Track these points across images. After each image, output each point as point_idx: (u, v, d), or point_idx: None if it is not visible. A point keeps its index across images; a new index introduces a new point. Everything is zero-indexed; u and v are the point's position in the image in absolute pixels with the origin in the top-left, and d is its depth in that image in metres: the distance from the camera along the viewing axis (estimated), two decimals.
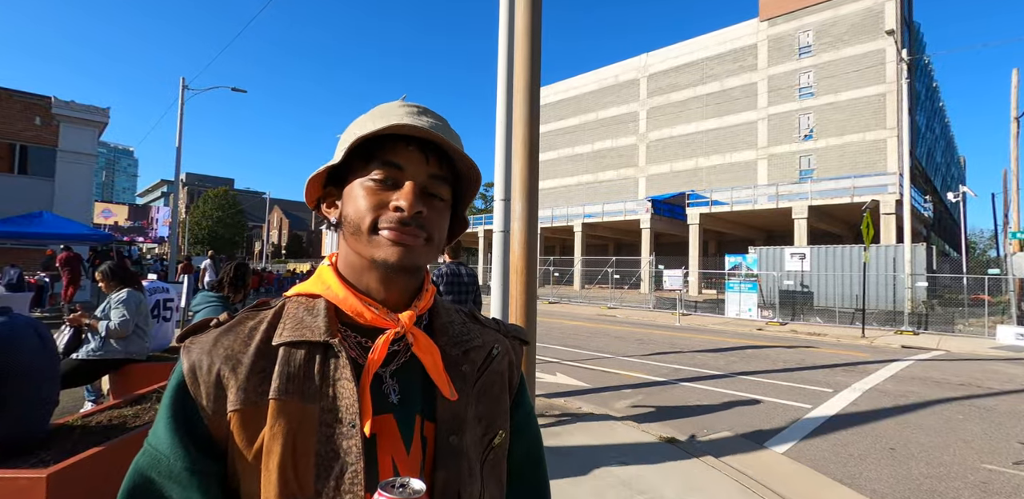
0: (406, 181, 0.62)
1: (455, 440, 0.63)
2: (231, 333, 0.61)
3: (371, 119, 0.64)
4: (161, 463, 0.56)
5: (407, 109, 0.65)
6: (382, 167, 0.62)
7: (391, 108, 0.66)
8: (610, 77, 38.43)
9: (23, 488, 1.95)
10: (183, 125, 18.90)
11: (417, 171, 0.63)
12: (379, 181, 0.62)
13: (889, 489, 3.71)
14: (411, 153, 0.63)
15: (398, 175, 0.63)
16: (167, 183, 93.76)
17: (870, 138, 26.73)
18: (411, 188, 0.62)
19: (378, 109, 0.67)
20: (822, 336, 12.49)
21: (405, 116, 0.63)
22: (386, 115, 0.64)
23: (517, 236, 2.43)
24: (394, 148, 0.63)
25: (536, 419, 0.82)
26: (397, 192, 0.62)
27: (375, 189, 0.62)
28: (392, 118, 0.62)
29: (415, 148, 0.63)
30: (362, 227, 0.62)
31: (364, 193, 0.62)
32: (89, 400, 4.28)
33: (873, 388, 6.86)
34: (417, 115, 0.65)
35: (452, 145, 0.63)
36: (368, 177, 0.63)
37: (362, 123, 0.65)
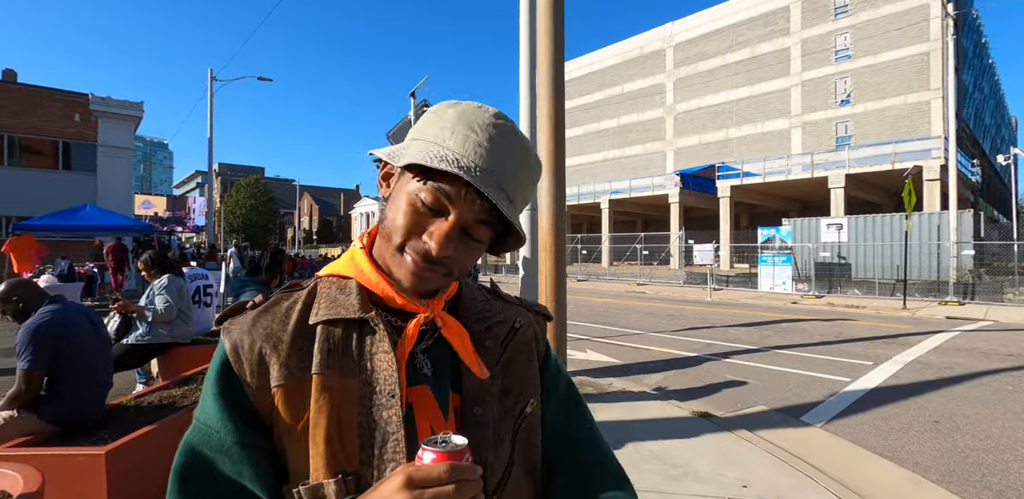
0: (449, 217, 0.60)
1: (479, 411, 0.65)
2: (268, 314, 0.63)
3: (451, 131, 0.60)
4: (212, 438, 0.58)
5: (491, 132, 0.60)
6: (433, 193, 0.59)
7: (479, 125, 0.60)
8: (634, 49, 37.25)
9: (84, 464, 2.08)
10: (213, 116, 19.26)
11: (465, 211, 0.60)
12: (425, 204, 0.60)
13: (933, 462, 3.63)
14: (465, 195, 0.59)
15: (445, 206, 0.60)
16: (201, 174, 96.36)
17: (912, 100, 25.33)
18: (447, 229, 0.59)
19: (464, 116, 0.61)
20: (861, 308, 12.16)
21: (480, 147, 0.59)
22: (467, 134, 0.59)
23: (545, 213, 2.41)
24: (452, 183, 0.58)
25: (568, 377, 0.82)
26: (436, 224, 0.60)
27: (418, 210, 0.60)
28: (469, 146, 0.59)
29: (472, 192, 0.59)
30: (393, 241, 0.61)
31: (407, 208, 0.60)
32: (140, 382, 4.51)
33: (916, 360, 6.67)
34: (495, 151, 0.60)
35: (508, 217, 0.59)
36: (417, 193, 0.60)
37: (442, 126, 0.61)
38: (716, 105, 32.80)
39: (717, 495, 2.97)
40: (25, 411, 2.40)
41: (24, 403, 2.39)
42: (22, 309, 2.60)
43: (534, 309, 0.80)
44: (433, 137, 0.61)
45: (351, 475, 0.57)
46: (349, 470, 0.57)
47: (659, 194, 29.12)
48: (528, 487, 0.69)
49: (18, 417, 2.38)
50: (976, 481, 3.34)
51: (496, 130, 0.60)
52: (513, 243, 0.67)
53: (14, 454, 2.09)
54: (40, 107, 17.34)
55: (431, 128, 0.62)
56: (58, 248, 14.00)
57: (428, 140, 0.61)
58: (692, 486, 3.07)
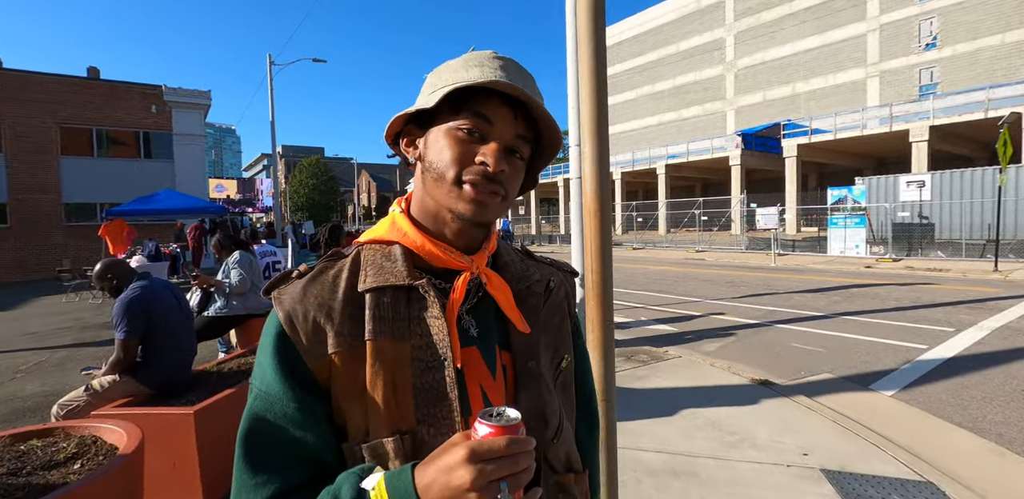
0: (493, 138, 0.63)
1: (533, 365, 0.69)
2: (316, 282, 0.65)
3: (464, 67, 0.65)
4: (275, 405, 0.60)
5: (500, 62, 0.65)
6: (472, 118, 0.63)
7: (484, 58, 0.66)
8: (691, 3, 34.96)
9: (176, 422, 2.32)
10: (274, 100, 19.96)
11: (505, 129, 0.64)
12: (467, 132, 0.63)
13: (1019, 434, 3.39)
14: (503, 111, 0.63)
15: (486, 129, 0.63)
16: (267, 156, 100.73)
17: (1011, 39, 22.49)
18: (497, 146, 0.63)
19: (471, 57, 0.66)
20: (944, 272, 11.28)
21: (499, 70, 0.64)
22: (481, 66, 0.64)
23: (589, 178, 2.37)
24: (487, 102, 0.63)
25: (586, 349, 0.90)
26: (483, 146, 0.63)
27: (463, 139, 0.63)
28: (487, 70, 0.63)
29: (507, 106, 0.64)
30: (447, 176, 0.63)
31: (451, 142, 0.63)
32: (221, 351, 4.92)
33: (1005, 326, 6.17)
34: (510, 73, 0.65)
35: (543, 109, 0.64)
36: (456, 126, 0.63)
37: (454, 69, 0.65)
38: (781, 58, 30.49)
39: (775, 462, 2.93)
40: (126, 375, 2.69)
41: (124, 369, 2.68)
42: (116, 286, 2.88)
43: (563, 268, 0.84)
44: (450, 80, 0.64)
45: (407, 434, 0.60)
46: (405, 429, 0.60)
47: (719, 156, 27.72)
48: (571, 432, 0.76)
49: (120, 381, 2.67)
50: None
51: (501, 61, 0.65)
52: (550, 153, 0.72)
53: (118, 413, 2.37)
54: (121, 101, 18.57)
55: (443, 76, 0.66)
56: (145, 231, 15.24)
57: (449, 83, 0.64)
58: (749, 453, 3.05)
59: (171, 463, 2.31)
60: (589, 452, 0.84)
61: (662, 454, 3.04)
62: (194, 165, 20.23)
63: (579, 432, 0.82)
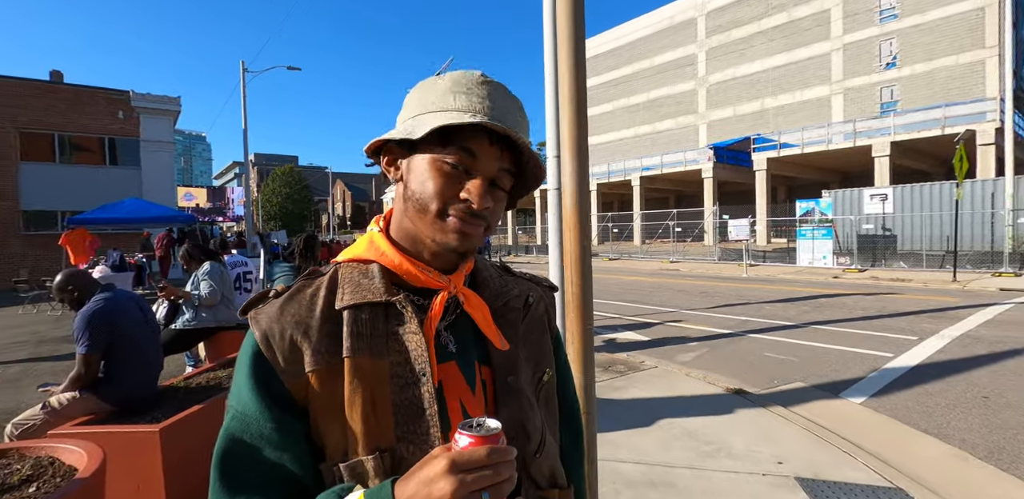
0: (478, 172, 0.63)
1: (512, 380, 0.69)
2: (294, 301, 0.64)
3: (452, 94, 0.64)
4: (252, 426, 0.59)
5: (487, 89, 0.65)
6: (458, 154, 0.62)
7: (472, 83, 0.65)
8: (664, 19, 35.87)
9: (140, 441, 2.22)
10: (247, 107, 19.65)
11: (490, 165, 0.64)
12: (452, 166, 0.63)
13: (981, 439, 3.51)
14: (489, 147, 0.63)
15: (472, 164, 0.63)
16: (238, 164, 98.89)
17: (964, 61, 23.68)
18: (481, 183, 0.63)
19: (458, 81, 0.65)
20: (907, 282, 11.68)
21: (487, 100, 0.63)
22: (469, 94, 0.63)
23: (568, 190, 2.39)
24: (475, 138, 0.62)
25: (568, 363, 0.89)
26: (468, 182, 0.63)
27: (448, 173, 0.63)
28: (475, 100, 0.63)
29: (494, 141, 0.63)
30: (430, 208, 0.63)
31: (435, 173, 0.63)
32: (189, 365, 4.76)
33: (965, 334, 6.40)
34: (497, 102, 0.64)
35: (530, 149, 0.64)
36: (441, 158, 0.63)
37: (441, 94, 0.64)
38: (751, 74, 31.45)
39: (751, 471, 2.96)
40: (86, 392, 2.57)
41: (85, 384, 2.57)
42: (77, 298, 2.77)
43: (542, 283, 0.85)
44: (436, 106, 0.64)
45: (387, 451, 0.59)
46: (384, 447, 0.59)
47: (692, 169, 28.33)
48: (554, 446, 0.75)
49: (80, 397, 2.56)
50: None
51: (489, 86, 0.65)
52: (532, 184, 0.71)
53: (78, 432, 2.26)
54: (86, 106, 18.03)
55: (429, 98, 0.65)
56: (109, 240, 14.72)
57: (434, 110, 0.64)
58: (725, 463, 3.07)
59: (135, 485, 2.21)
60: (574, 466, 0.84)
61: (640, 465, 3.04)
62: (162, 172, 19.71)
63: (564, 446, 0.81)
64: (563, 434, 0.82)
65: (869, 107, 26.64)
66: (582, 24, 2.51)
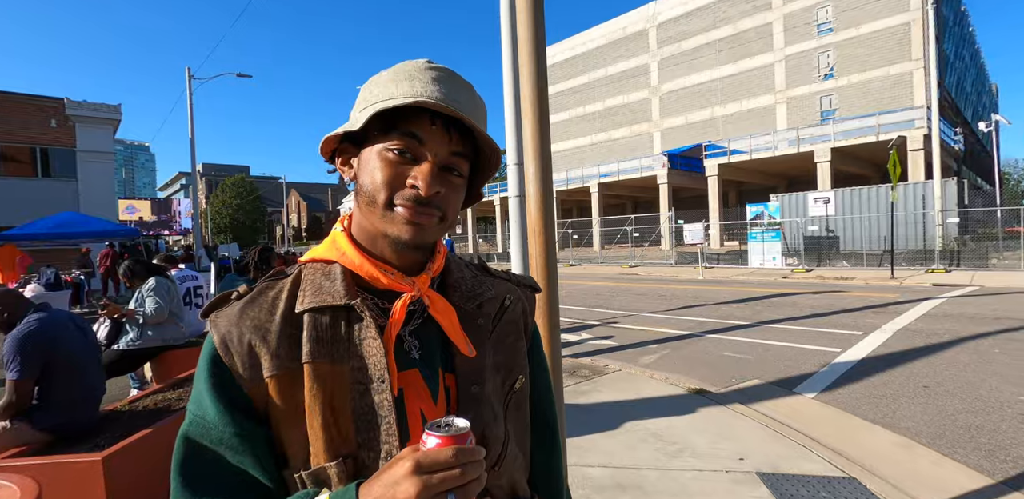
0: (425, 158, 0.61)
1: (476, 389, 0.66)
2: (254, 304, 0.62)
3: (394, 83, 0.61)
4: (211, 432, 0.58)
5: (433, 74, 0.62)
6: (402, 138, 0.60)
7: (416, 69, 0.62)
8: (617, 30, 36.85)
9: (81, 471, 2.07)
10: (194, 116, 18.90)
11: (438, 148, 0.61)
12: (398, 152, 0.60)
13: (924, 426, 3.71)
14: (434, 129, 0.61)
15: (418, 149, 0.61)
16: (185, 175, 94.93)
17: (895, 72, 25.33)
18: (430, 168, 0.60)
19: (402, 69, 0.63)
20: (850, 280, 12.30)
21: (431, 83, 0.61)
22: (411, 79, 0.61)
23: (533, 197, 2.39)
24: (418, 120, 0.60)
25: (548, 370, 0.85)
26: (415, 168, 0.61)
27: (393, 161, 0.61)
28: (418, 84, 0.60)
29: (439, 123, 0.61)
30: (377, 200, 0.61)
31: (381, 164, 0.61)
32: (134, 387, 4.49)
33: (904, 328, 6.78)
34: (443, 84, 0.62)
35: (478, 127, 0.61)
36: (386, 147, 0.61)
37: (384, 85, 0.62)
38: (701, 84, 32.63)
39: (714, 469, 3.03)
40: (18, 421, 2.38)
41: (16, 413, 2.38)
42: (7, 319, 2.57)
43: (522, 283, 0.81)
44: (380, 97, 0.61)
45: (349, 458, 0.58)
46: (346, 453, 0.58)
47: (647, 176, 29.08)
48: (520, 457, 0.73)
49: (11, 427, 2.37)
50: (966, 442, 3.43)
51: (436, 71, 0.63)
52: (490, 168, 0.69)
53: (10, 465, 2.09)
54: (14, 113, 16.96)
55: (374, 91, 0.63)
56: (43, 257, 13.80)
57: (377, 101, 0.61)
58: (690, 461, 3.13)
59: None
60: (549, 476, 0.80)
61: (608, 469, 3.06)
62: (101, 184, 18.69)
63: (536, 456, 0.78)
64: (536, 444, 0.78)
65: (810, 115, 28.08)
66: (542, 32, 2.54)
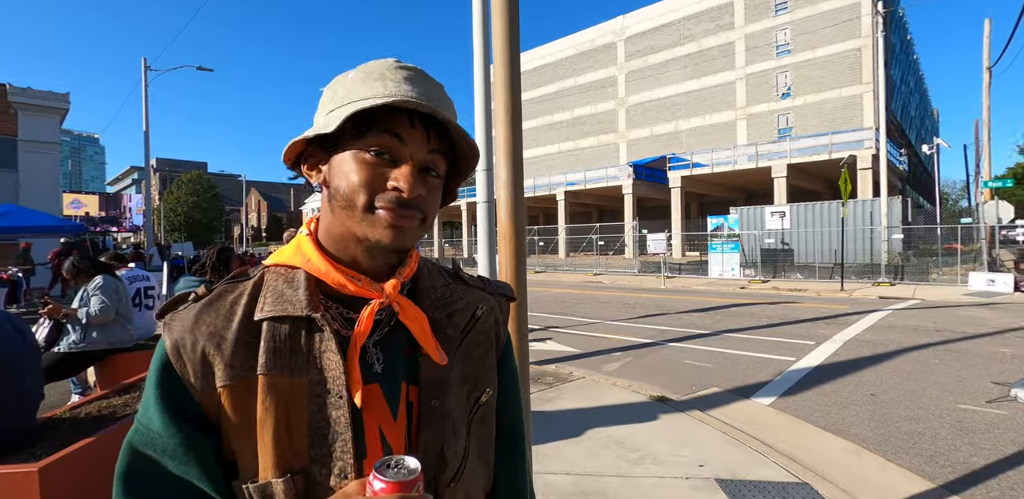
0: (405, 159, 0.59)
1: (436, 404, 0.63)
2: (212, 309, 0.60)
3: (364, 83, 0.60)
4: (155, 441, 0.56)
5: (404, 73, 0.61)
6: (380, 139, 0.59)
7: (388, 69, 0.61)
8: (586, 42, 37.54)
9: (16, 483, 1.93)
10: (149, 109, 18.13)
11: (417, 149, 0.60)
12: (375, 154, 0.59)
13: (871, 433, 3.88)
14: (413, 129, 0.59)
15: (397, 149, 0.59)
16: (137, 170, 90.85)
17: (847, 94, 26.69)
18: (410, 169, 0.59)
19: (372, 69, 0.61)
20: (803, 291, 12.80)
21: (403, 83, 0.59)
22: (383, 79, 0.60)
23: (504, 202, 2.39)
24: (395, 120, 0.59)
25: (519, 382, 0.82)
26: (395, 170, 0.59)
27: (371, 163, 0.59)
28: (390, 84, 0.59)
29: (418, 123, 0.59)
30: (357, 203, 0.59)
31: (359, 166, 0.59)
32: (76, 392, 4.24)
33: (853, 338, 7.08)
34: (417, 83, 0.60)
35: (456, 125, 0.60)
36: (363, 149, 0.59)
37: (352, 85, 0.60)
38: (666, 97, 33.53)
39: (675, 475, 3.07)
40: None
41: None
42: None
43: (497, 291, 0.78)
44: (350, 97, 0.60)
45: (299, 474, 0.56)
46: (297, 468, 0.56)
47: (613, 185, 29.61)
48: (482, 471, 0.70)
49: None
50: (908, 448, 3.60)
51: (407, 70, 0.62)
52: (467, 167, 0.68)
53: None
54: None
55: (340, 93, 0.61)
56: None
57: (348, 101, 0.60)
58: (651, 468, 3.17)
59: None
60: (511, 488, 0.78)
61: (571, 476, 3.06)
62: (44, 176, 17.66)
63: (501, 471, 0.76)
64: (501, 460, 0.76)
65: (768, 132, 29.23)
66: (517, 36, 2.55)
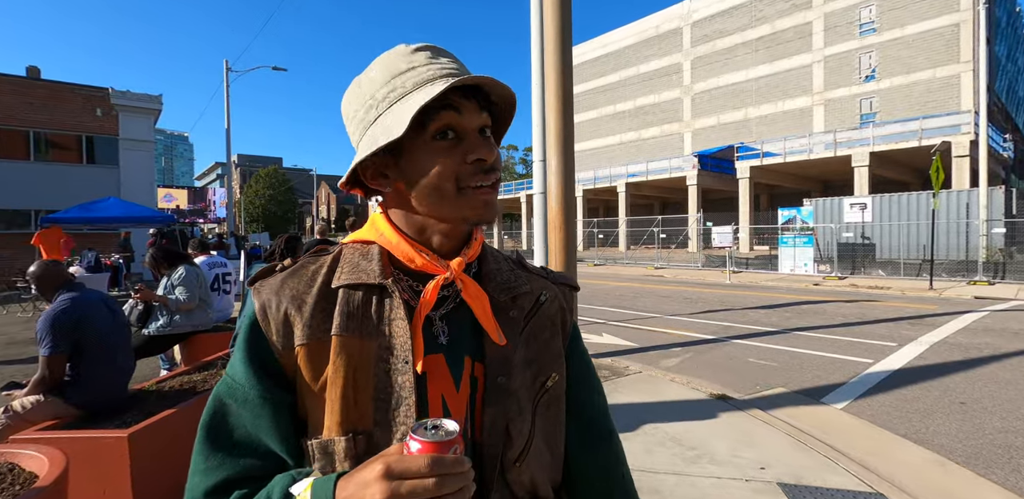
0: (468, 130, 0.62)
1: (503, 381, 0.64)
2: (295, 276, 0.65)
3: (396, 77, 0.62)
4: (237, 391, 0.61)
5: (424, 55, 0.63)
6: (440, 123, 0.61)
7: (409, 57, 0.63)
8: (650, 28, 36.35)
9: (109, 446, 2.13)
10: (230, 107, 19.40)
11: (473, 116, 0.62)
12: (442, 137, 0.62)
13: (959, 444, 3.55)
14: (465, 101, 0.62)
15: (459, 125, 0.62)
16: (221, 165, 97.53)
17: (941, 74, 24.35)
18: (480, 141, 0.62)
19: (392, 62, 0.63)
20: (885, 289, 11.89)
21: (432, 64, 0.62)
22: (412, 68, 0.62)
23: (554, 192, 2.37)
24: (446, 100, 0.61)
25: (595, 372, 0.81)
26: (465, 144, 0.62)
27: (444, 148, 0.61)
28: (422, 71, 0.62)
29: (467, 94, 0.62)
30: (447, 191, 0.62)
31: (435, 156, 0.61)
32: (164, 368, 4.63)
33: (942, 341, 6.51)
34: (441, 59, 0.63)
35: (499, 83, 0.62)
36: (431, 137, 0.61)
37: (383, 84, 0.63)
38: (735, 84, 31.97)
39: (734, 477, 2.95)
40: (51, 395, 2.47)
41: (48, 388, 2.47)
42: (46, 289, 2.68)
43: (560, 281, 0.79)
44: (391, 97, 0.62)
45: (362, 435, 0.58)
46: (361, 430, 0.58)
47: (676, 176, 28.65)
48: (548, 456, 0.70)
49: (45, 401, 2.45)
50: (1004, 463, 3.27)
51: (422, 51, 0.64)
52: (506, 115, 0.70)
53: (41, 437, 2.16)
54: (63, 103, 17.65)
55: (379, 94, 0.63)
56: (84, 240, 14.36)
57: (395, 99, 0.62)
58: (708, 468, 3.06)
59: (101, 490, 2.12)
60: (590, 470, 0.74)
61: None
62: (141, 172, 19.35)
63: (580, 458, 0.74)
64: (580, 447, 0.74)
65: (849, 118, 27.22)
66: (569, 31, 2.51)
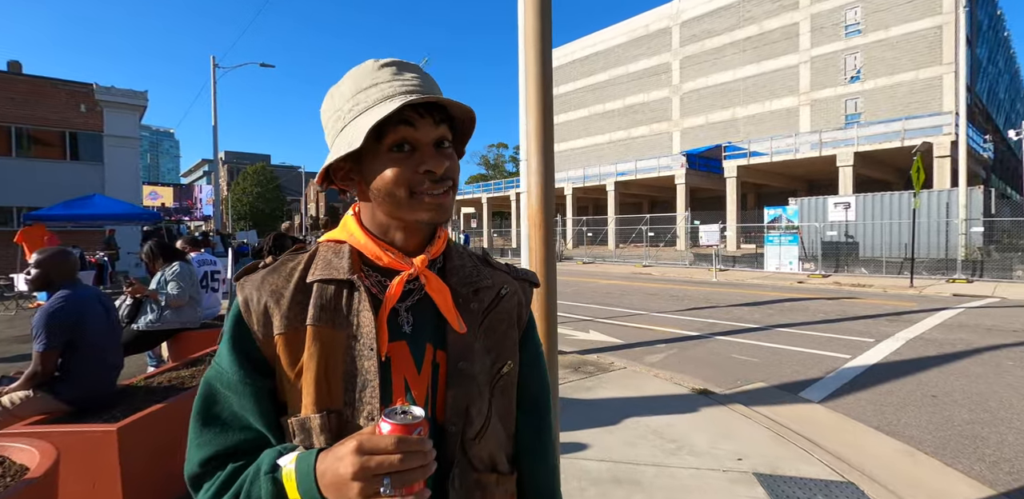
0: (422, 142, 0.68)
1: (464, 365, 0.72)
2: (275, 273, 0.72)
3: (361, 93, 0.68)
4: (223, 376, 0.67)
5: (389, 71, 0.69)
6: (397, 136, 0.67)
7: (374, 73, 0.69)
8: (640, 28, 36.51)
9: (97, 440, 2.17)
10: (217, 104, 19.23)
11: (428, 130, 0.68)
12: (398, 149, 0.68)
13: (928, 435, 3.68)
14: (421, 118, 0.67)
15: (414, 138, 0.67)
16: (207, 162, 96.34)
17: (924, 76, 24.76)
18: (431, 150, 0.68)
19: (359, 77, 0.69)
20: (867, 287, 12.12)
21: (394, 81, 0.68)
22: (375, 84, 0.68)
23: (534, 190, 2.43)
24: (403, 116, 0.66)
25: (543, 359, 0.89)
26: (417, 155, 0.68)
27: (399, 159, 0.68)
28: (384, 87, 0.68)
29: (421, 110, 0.67)
30: (400, 196, 0.68)
31: (390, 166, 0.67)
32: (151, 365, 4.63)
33: (918, 337, 6.68)
34: (404, 76, 0.69)
35: (454, 102, 0.68)
36: (387, 149, 0.68)
37: (349, 97, 0.69)
38: (723, 84, 32.23)
39: (711, 467, 3.05)
40: (41, 391, 2.50)
41: (40, 383, 2.49)
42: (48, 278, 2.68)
43: (521, 277, 0.86)
44: (357, 110, 0.68)
45: (334, 413, 0.65)
46: (332, 408, 0.65)
47: (665, 175, 28.86)
48: (503, 435, 0.79)
49: (35, 396, 2.48)
50: (970, 453, 3.40)
51: (388, 67, 0.70)
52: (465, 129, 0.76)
53: (31, 430, 2.19)
54: (46, 98, 17.37)
55: (345, 107, 0.70)
56: (68, 238, 14.18)
57: (358, 112, 0.68)
58: (687, 459, 3.15)
59: (91, 483, 2.16)
60: (535, 459, 0.84)
61: (605, 463, 3.10)
62: (126, 169, 19.10)
63: (524, 435, 0.82)
64: (524, 425, 0.83)
65: (835, 118, 27.59)
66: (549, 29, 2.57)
